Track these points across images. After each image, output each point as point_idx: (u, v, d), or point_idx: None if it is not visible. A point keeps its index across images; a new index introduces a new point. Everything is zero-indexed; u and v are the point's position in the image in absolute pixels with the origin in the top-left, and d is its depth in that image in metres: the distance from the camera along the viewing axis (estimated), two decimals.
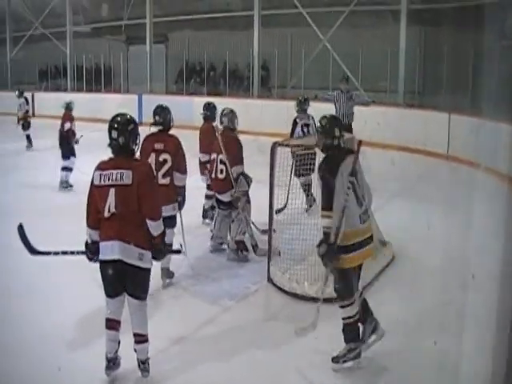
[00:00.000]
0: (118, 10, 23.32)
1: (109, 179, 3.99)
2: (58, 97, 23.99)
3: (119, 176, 3.98)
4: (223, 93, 20.29)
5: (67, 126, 10.40)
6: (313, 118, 8.48)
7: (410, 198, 9.44)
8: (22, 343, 4.74)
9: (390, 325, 5.04)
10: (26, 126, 15.18)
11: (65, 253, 4.31)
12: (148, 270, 4.14)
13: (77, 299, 5.53)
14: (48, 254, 4.32)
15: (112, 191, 3.97)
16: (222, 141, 6.68)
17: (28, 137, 15.24)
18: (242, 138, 7.02)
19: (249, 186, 6.68)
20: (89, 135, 10.79)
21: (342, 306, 4.41)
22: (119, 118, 4.18)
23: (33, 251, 4.31)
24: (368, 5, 17.24)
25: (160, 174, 5.64)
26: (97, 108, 20.77)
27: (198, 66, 22.06)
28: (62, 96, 23.94)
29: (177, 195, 5.82)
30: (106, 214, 3.99)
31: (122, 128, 4.11)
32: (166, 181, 5.71)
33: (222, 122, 7.06)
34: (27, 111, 15.44)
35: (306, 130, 8.53)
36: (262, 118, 16.33)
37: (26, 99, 15.50)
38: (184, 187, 5.91)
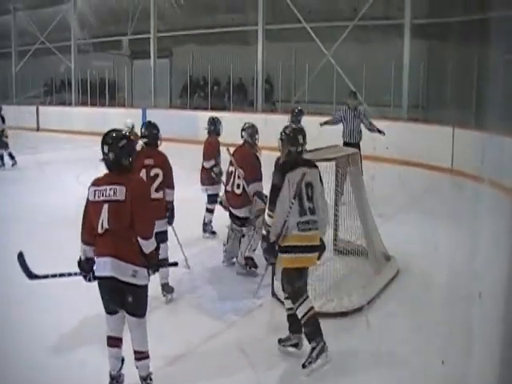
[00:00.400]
0: (122, 24, 23.43)
1: (102, 195, 3.96)
2: (62, 111, 24.27)
3: (112, 192, 3.94)
4: (227, 107, 20.33)
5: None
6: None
7: (414, 213, 9.43)
8: (21, 350, 4.73)
9: (393, 339, 5.01)
10: (1, 145, 14.23)
11: (62, 275, 4.27)
12: (144, 287, 4.07)
13: (76, 307, 5.52)
14: (46, 277, 4.29)
15: (105, 207, 3.93)
16: (240, 156, 6.66)
17: (2, 156, 14.34)
18: None
19: (265, 203, 6.63)
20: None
21: (297, 308, 4.62)
22: (112, 134, 4.13)
23: (31, 276, 4.29)
24: (372, 19, 17.28)
25: (153, 188, 5.67)
26: (101, 122, 20.92)
27: (201, 80, 22.14)
28: (66, 110, 24.28)
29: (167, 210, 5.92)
30: (100, 230, 3.96)
31: (113, 143, 4.05)
32: (160, 195, 5.77)
33: (242, 137, 6.96)
34: (3, 130, 14.31)
35: None
36: (267, 133, 16.24)
37: (3, 118, 14.36)
38: (172, 202, 5.98)
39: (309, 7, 18.65)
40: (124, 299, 3.99)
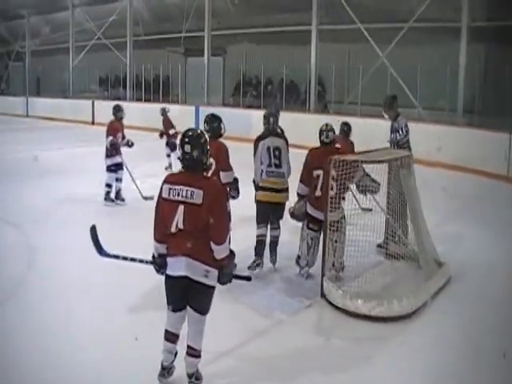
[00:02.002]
0: (177, 22, 23.67)
1: (178, 195, 3.95)
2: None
3: (189, 194, 3.92)
4: (280, 107, 20.27)
5: None
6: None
7: (468, 219, 9.23)
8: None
9: (443, 346, 4.95)
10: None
11: (133, 260, 4.33)
12: (212, 288, 4.08)
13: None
14: (116, 257, 4.37)
15: (181, 208, 3.93)
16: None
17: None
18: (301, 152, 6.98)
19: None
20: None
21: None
22: (191, 133, 4.13)
23: (101, 253, 4.36)
24: (427, 21, 16.99)
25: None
26: (154, 118, 21.18)
27: (254, 79, 22.22)
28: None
29: None
30: (173, 230, 3.96)
31: (195, 142, 4.06)
32: None
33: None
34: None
35: None
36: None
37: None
38: (235, 180, 6.44)
39: (363, 8, 18.46)
40: (192, 297, 4.02)
